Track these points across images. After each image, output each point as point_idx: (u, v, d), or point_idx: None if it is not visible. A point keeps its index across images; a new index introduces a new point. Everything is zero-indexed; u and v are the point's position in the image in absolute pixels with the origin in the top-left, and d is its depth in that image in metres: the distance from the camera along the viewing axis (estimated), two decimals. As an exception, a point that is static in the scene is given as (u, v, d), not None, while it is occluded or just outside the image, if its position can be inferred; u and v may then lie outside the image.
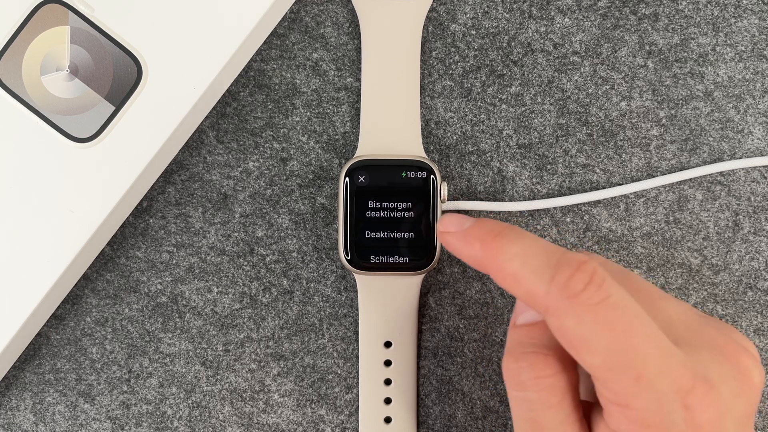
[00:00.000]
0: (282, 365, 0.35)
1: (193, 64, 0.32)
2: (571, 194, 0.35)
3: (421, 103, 0.35)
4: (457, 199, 0.35)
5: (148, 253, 0.35)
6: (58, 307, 0.35)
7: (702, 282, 0.35)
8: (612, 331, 0.23)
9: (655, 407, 0.23)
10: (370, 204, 0.33)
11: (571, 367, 0.25)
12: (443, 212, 0.33)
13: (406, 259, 0.33)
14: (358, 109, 0.35)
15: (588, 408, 0.26)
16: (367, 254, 0.33)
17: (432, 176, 0.33)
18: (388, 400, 0.34)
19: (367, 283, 0.34)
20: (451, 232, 0.27)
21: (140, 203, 0.35)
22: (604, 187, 0.35)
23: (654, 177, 0.35)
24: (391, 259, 0.33)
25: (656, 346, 0.23)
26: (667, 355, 0.23)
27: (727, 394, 0.24)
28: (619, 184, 0.35)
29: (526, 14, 0.35)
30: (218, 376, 0.35)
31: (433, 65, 0.35)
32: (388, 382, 0.34)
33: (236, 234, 0.35)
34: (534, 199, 0.35)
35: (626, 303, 0.23)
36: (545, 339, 0.26)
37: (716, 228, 0.35)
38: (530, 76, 0.35)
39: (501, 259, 0.25)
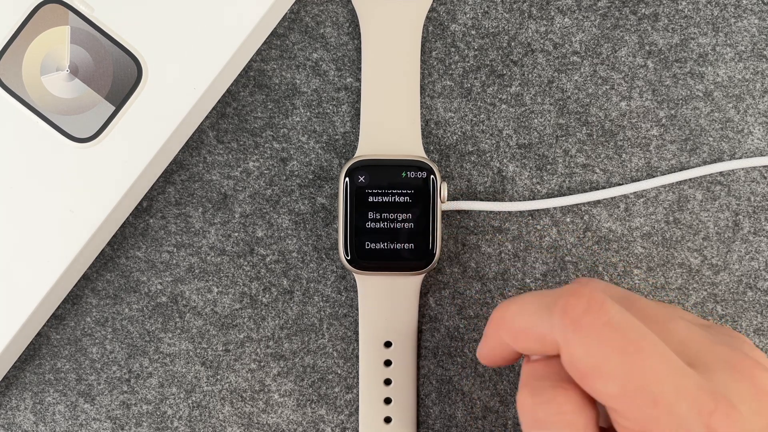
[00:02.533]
0: (282, 365, 0.35)
1: (193, 64, 0.32)
2: (571, 194, 0.35)
3: (421, 103, 0.35)
4: (457, 199, 0.35)
5: (148, 253, 0.35)
6: (58, 307, 0.35)
7: (702, 282, 0.35)
8: (622, 353, 0.22)
9: None
10: (370, 204, 0.33)
11: (591, 403, 0.24)
12: (443, 212, 0.33)
13: (406, 259, 0.33)
14: (358, 109, 0.35)
15: None
16: (367, 254, 0.33)
17: (432, 176, 0.33)
18: (388, 400, 0.34)
19: (367, 283, 0.34)
20: (482, 354, 0.27)
21: (140, 203, 0.35)
22: (604, 187, 0.35)
23: (654, 177, 0.35)
24: (391, 260, 0.33)
25: (670, 366, 0.22)
26: (682, 375, 0.22)
27: (747, 413, 0.23)
28: (619, 184, 0.35)
29: (526, 14, 0.35)
30: (218, 376, 0.35)
31: (433, 65, 0.35)
32: (388, 382, 0.34)
33: (236, 234, 0.35)
34: (534, 199, 0.35)
35: (631, 324, 0.23)
36: (564, 372, 0.24)
37: (716, 228, 0.35)
38: (530, 76, 0.35)
39: (507, 322, 0.25)
